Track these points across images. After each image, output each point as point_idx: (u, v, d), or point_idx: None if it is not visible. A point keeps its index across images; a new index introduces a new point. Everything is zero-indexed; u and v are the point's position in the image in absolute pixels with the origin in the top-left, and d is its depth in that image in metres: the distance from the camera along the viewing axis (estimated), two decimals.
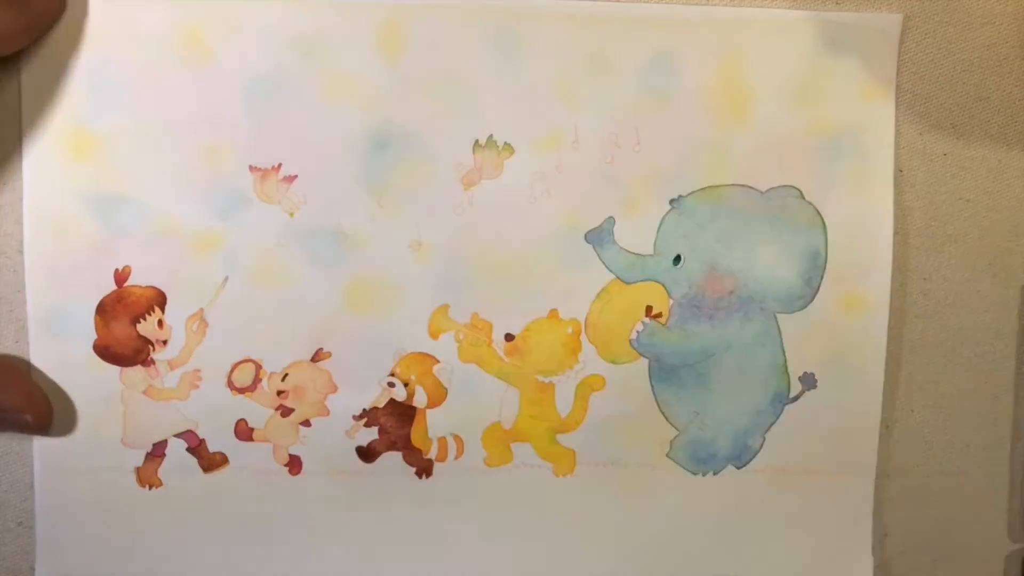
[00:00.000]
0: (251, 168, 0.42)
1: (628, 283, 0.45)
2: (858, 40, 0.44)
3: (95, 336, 0.43)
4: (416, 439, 0.45)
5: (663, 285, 0.45)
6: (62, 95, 0.41)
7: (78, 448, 0.44)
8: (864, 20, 0.44)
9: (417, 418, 0.45)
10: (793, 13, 0.43)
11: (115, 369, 0.43)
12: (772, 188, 0.44)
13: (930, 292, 0.46)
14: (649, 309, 0.45)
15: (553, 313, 0.44)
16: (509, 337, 0.44)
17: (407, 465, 0.45)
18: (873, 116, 0.44)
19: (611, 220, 0.44)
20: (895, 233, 0.45)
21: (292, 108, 0.42)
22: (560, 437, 0.45)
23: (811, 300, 0.45)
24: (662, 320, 0.45)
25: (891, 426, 0.46)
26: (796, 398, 0.46)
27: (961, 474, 0.47)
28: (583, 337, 0.45)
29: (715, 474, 0.46)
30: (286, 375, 0.44)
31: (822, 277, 0.45)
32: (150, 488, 0.44)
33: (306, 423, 0.44)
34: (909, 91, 0.45)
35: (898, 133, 0.44)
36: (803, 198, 0.44)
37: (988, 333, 0.46)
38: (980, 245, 0.46)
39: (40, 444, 0.43)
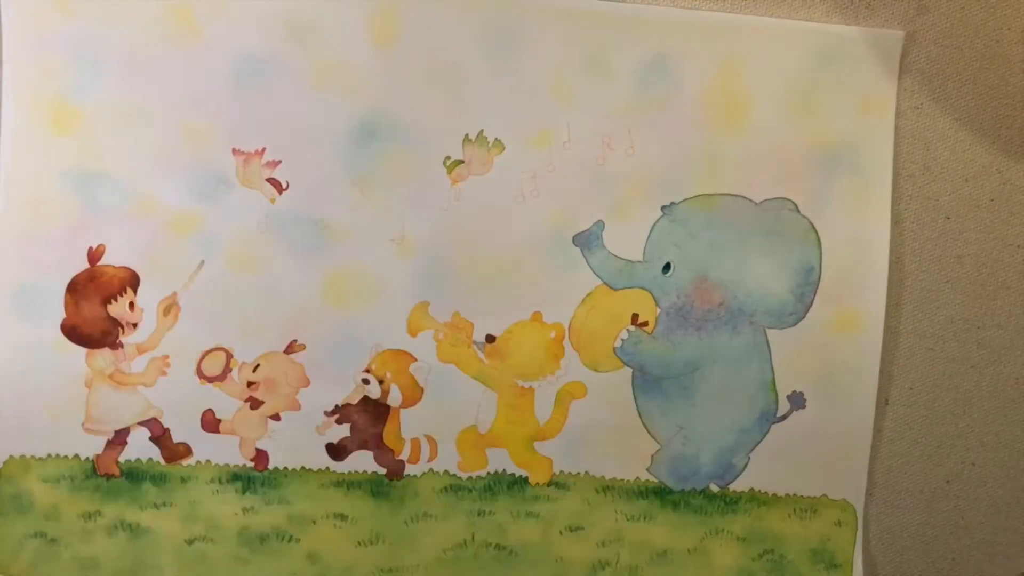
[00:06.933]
0: (234, 151, 0.42)
1: (615, 289, 0.43)
2: (859, 54, 0.43)
3: (63, 315, 0.42)
4: (389, 439, 0.43)
5: (651, 293, 0.43)
6: (45, 67, 0.40)
7: (36, 433, 0.42)
8: (866, 35, 0.43)
9: (391, 417, 0.43)
10: (794, 23, 0.43)
11: (81, 351, 0.42)
12: (767, 199, 0.43)
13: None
14: (635, 317, 0.43)
15: (536, 316, 0.43)
16: (490, 338, 0.43)
17: (378, 465, 0.43)
18: (872, 132, 0.43)
19: (600, 224, 0.43)
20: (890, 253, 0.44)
21: (280, 92, 0.41)
22: (537, 444, 0.44)
23: (802, 316, 0.44)
24: (648, 329, 0.43)
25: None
26: (784, 417, 0.44)
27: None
28: (566, 342, 0.43)
29: (697, 492, 0.44)
30: (257, 366, 0.42)
31: (815, 293, 0.44)
32: (107, 478, 0.42)
33: (276, 417, 0.43)
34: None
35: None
36: (798, 211, 0.43)
37: None
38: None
39: None
